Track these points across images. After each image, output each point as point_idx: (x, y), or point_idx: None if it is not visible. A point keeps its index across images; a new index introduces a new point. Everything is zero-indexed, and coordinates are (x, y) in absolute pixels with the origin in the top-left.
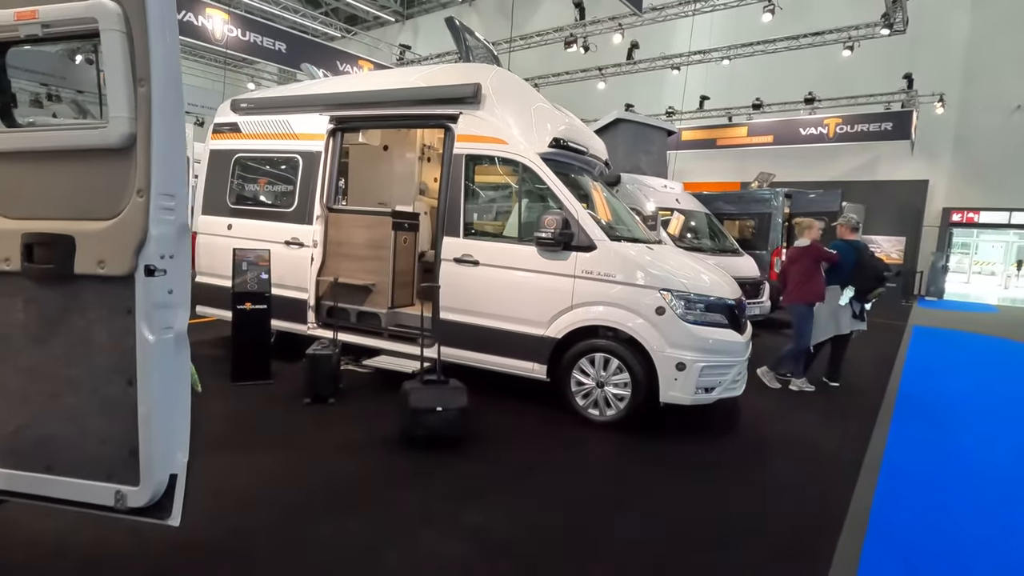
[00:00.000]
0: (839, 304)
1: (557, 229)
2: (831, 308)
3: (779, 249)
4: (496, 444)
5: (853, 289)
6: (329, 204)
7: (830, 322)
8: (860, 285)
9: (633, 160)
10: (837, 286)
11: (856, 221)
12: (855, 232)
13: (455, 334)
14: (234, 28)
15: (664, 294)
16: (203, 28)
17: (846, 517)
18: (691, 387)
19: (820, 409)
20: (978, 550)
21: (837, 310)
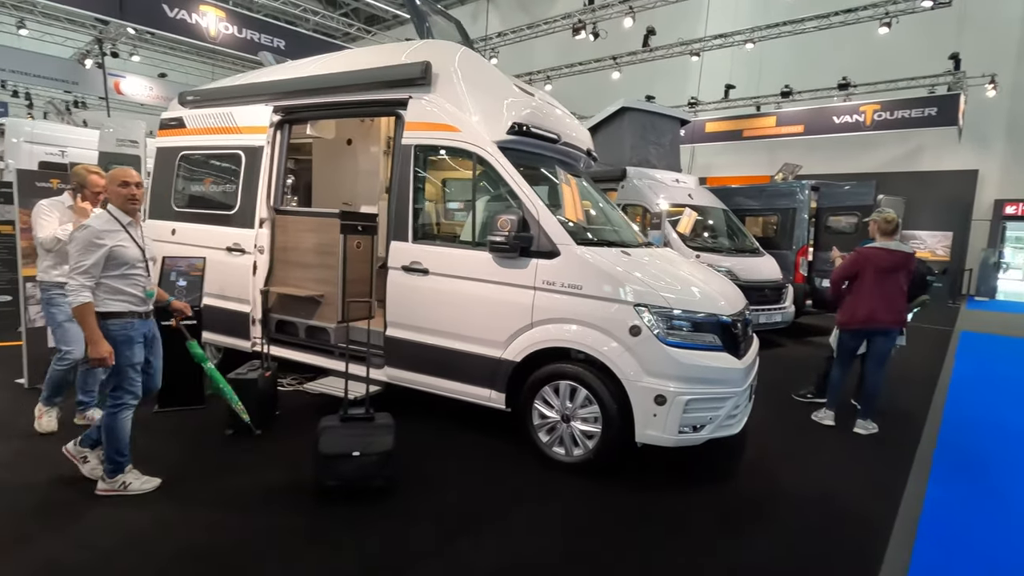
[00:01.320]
0: None
1: (512, 231)
2: None
3: (805, 248)
4: (433, 494)
5: None
6: (276, 205)
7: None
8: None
9: (641, 153)
10: None
11: (892, 225)
12: (889, 236)
13: (405, 354)
14: (230, 25)
15: (640, 310)
16: (197, 26)
17: None
18: (674, 425)
19: (843, 446)
20: None
21: None
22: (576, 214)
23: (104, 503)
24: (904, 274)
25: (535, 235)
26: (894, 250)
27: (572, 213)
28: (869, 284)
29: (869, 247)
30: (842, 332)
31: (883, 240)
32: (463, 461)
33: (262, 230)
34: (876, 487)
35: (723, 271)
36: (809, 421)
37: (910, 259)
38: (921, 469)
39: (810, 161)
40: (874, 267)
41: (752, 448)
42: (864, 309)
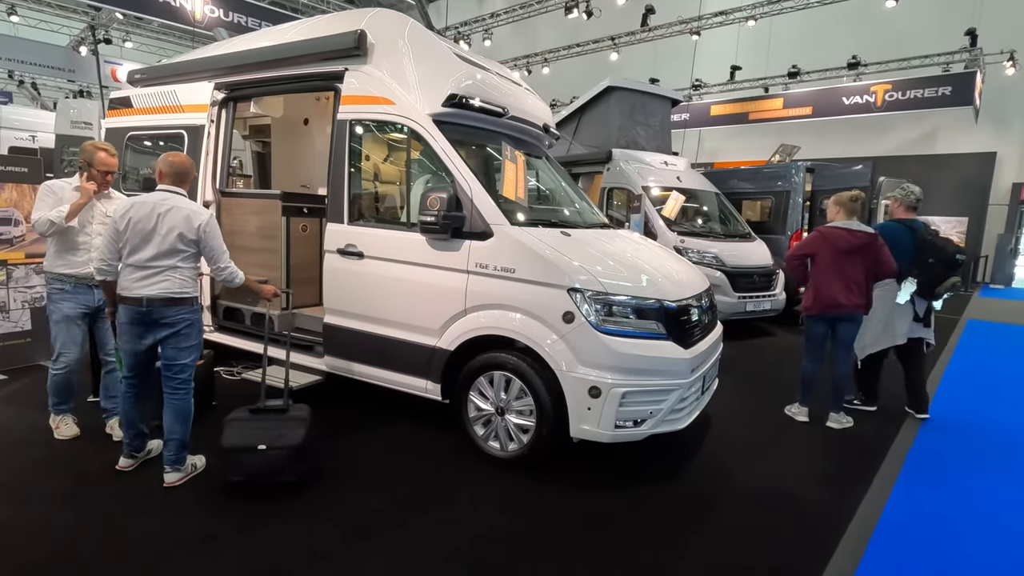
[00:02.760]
0: (896, 303)
1: (442, 210)
2: (885, 309)
3: (799, 232)
4: (350, 492)
5: (915, 282)
6: (222, 188)
7: (884, 328)
8: (924, 276)
9: (629, 134)
10: (892, 280)
11: (915, 198)
12: (912, 211)
13: (343, 343)
14: (215, 8)
15: (573, 295)
16: (182, 9)
17: None
18: (609, 419)
19: (814, 443)
20: None
21: (893, 312)
22: (518, 192)
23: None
24: (869, 256)
25: (468, 215)
26: (855, 230)
27: (513, 192)
28: (827, 266)
29: (828, 226)
30: (806, 318)
31: (846, 219)
32: (397, 456)
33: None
34: (838, 487)
35: (709, 257)
36: (782, 415)
37: (874, 239)
38: (891, 470)
39: (820, 145)
40: (832, 248)
41: (716, 442)
42: (826, 293)
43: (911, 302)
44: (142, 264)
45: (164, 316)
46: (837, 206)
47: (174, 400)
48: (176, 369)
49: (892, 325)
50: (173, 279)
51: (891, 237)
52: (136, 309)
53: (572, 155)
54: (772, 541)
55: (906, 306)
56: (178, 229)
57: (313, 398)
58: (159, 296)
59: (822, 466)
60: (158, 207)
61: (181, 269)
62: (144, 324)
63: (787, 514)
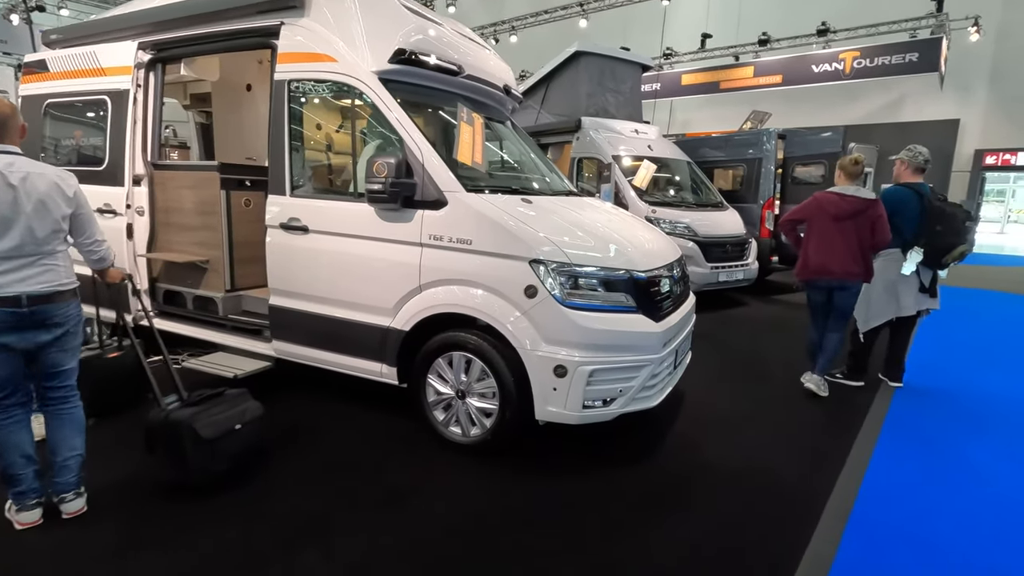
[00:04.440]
0: (901, 274)
1: (390, 177)
2: (888, 279)
3: (771, 201)
4: (291, 487)
5: (921, 251)
6: (154, 160)
7: (889, 299)
8: (932, 245)
9: (598, 101)
10: (897, 249)
11: (924, 159)
12: (920, 173)
13: (290, 326)
14: None
15: (535, 267)
16: None
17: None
18: (577, 399)
19: (790, 415)
20: None
21: (898, 283)
22: (475, 157)
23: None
24: (863, 223)
25: (419, 182)
26: (849, 196)
27: (470, 156)
28: (819, 232)
29: (823, 192)
30: (799, 283)
31: (843, 184)
32: (348, 446)
33: (139, 188)
34: (815, 461)
35: (681, 227)
36: (757, 388)
37: (871, 206)
38: (868, 441)
39: (790, 115)
40: (824, 213)
41: (689, 420)
42: (815, 259)
43: (916, 272)
44: (7, 254)
45: (51, 315)
46: (839, 170)
47: (67, 411)
48: (65, 375)
49: (897, 296)
50: (56, 268)
51: (896, 202)
52: (12, 311)
53: (540, 124)
54: (749, 525)
55: (912, 276)
56: (51, 200)
57: (262, 386)
58: (43, 292)
59: (798, 440)
60: (6, 175)
61: (60, 253)
62: (23, 329)
63: (764, 494)
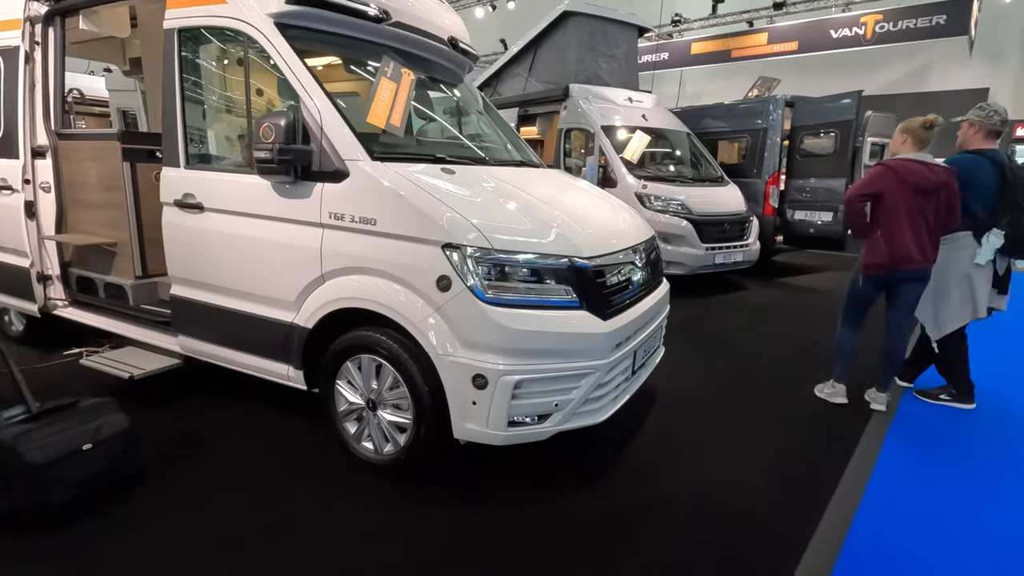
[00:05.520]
0: (975, 263)
1: (277, 142)
2: (961, 272)
3: (776, 175)
4: (157, 515)
5: (1001, 234)
6: (58, 128)
7: (963, 297)
8: (1017, 225)
9: (589, 67)
10: (967, 233)
11: (1000, 119)
12: (994, 138)
13: (193, 319)
14: None
15: (449, 254)
16: None
17: None
18: (500, 415)
19: (777, 429)
20: None
21: (972, 275)
22: (392, 119)
23: None
24: (942, 199)
25: (317, 148)
26: (934, 165)
27: (384, 117)
28: (897, 209)
29: (901, 159)
30: (863, 278)
31: (915, 151)
32: (247, 460)
33: (42, 161)
34: (806, 487)
35: (675, 204)
36: (743, 390)
37: (952, 179)
38: (862, 463)
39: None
40: (905, 186)
41: (660, 428)
42: (899, 244)
43: (992, 261)
44: None
45: None
46: (905, 135)
47: None
48: None
49: (973, 293)
50: None
51: (969, 173)
52: None
53: (528, 93)
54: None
55: (986, 267)
56: None
57: (174, 386)
58: None
59: (789, 459)
60: None
61: None
62: None
63: (740, 527)
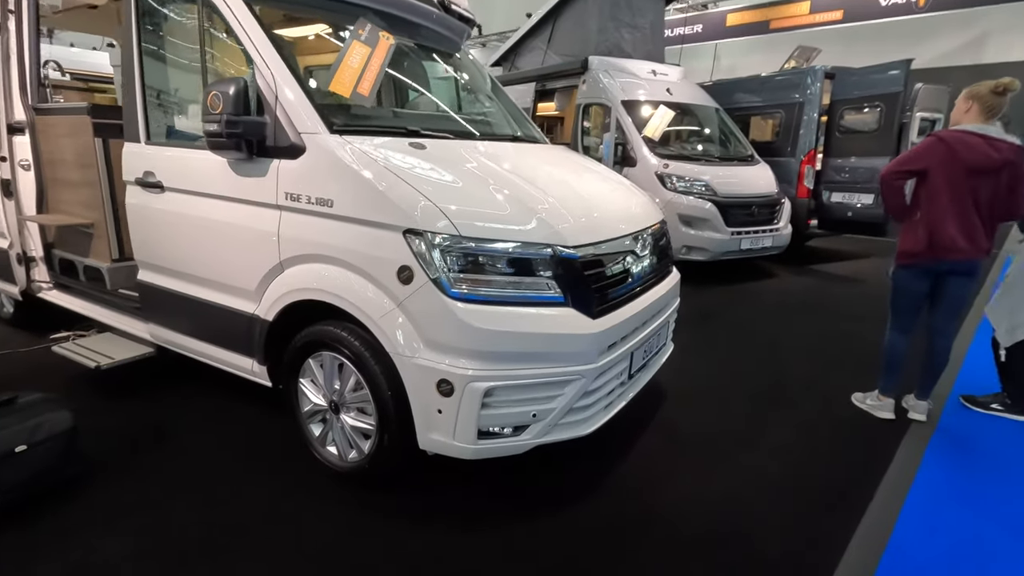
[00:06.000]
0: None
1: (225, 113)
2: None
3: (812, 154)
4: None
5: None
6: (35, 103)
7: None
8: None
9: (611, 38)
10: None
11: None
12: None
13: (159, 307)
14: None
15: (411, 241)
16: None
17: None
18: (469, 426)
19: (802, 440)
20: None
21: None
22: (361, 87)
23: None
24: (1004, 181)
25: (270, 120)
26: (995, 139)
27: (350, 85)
28: (944, 189)
29: (955, 131)
30: (901, 269)
31: (980, 121)
32: (206, 461)
33: (19, 138)
34: (828, 510)
35: (699, 185)
36: (767, 395)
37: (1020, 158)
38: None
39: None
40: (957, 163)
41: (666, 434)
42: (943, 230)
43: None
44: None
45: None
46: (970, 101)
47: None
48: None
49: None
50: None
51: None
52: None
53: (546, 67)
54: None
55: None
56: None
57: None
58: None
59: (810, 476)
60: None
61: None
62: None
63: (747, 559)
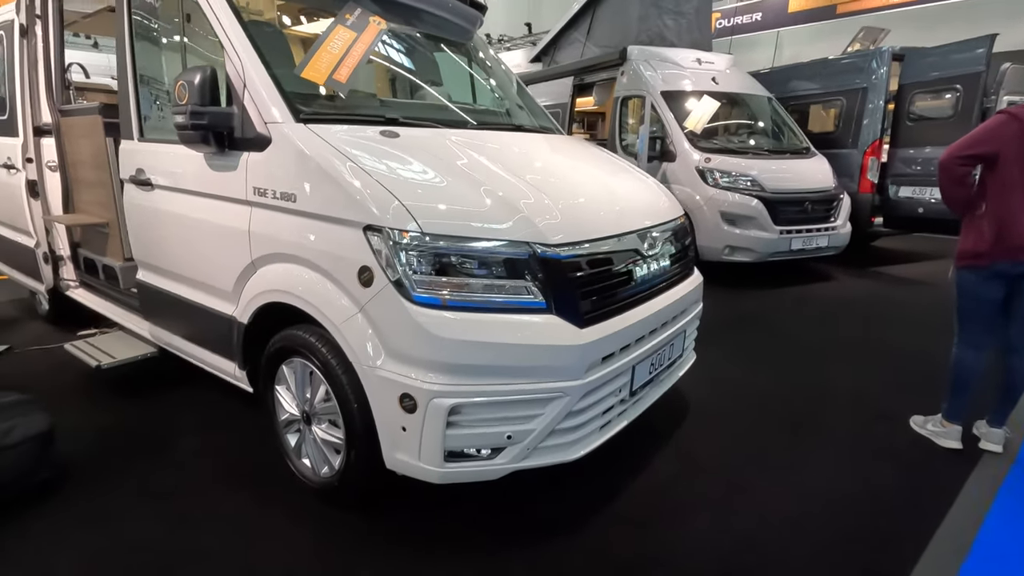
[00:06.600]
0: None
1: (191, 103)
2: None
3: (877, 144)
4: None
5: None
6: (60, 104)
7: None
8: None
9: (653, 27)
10: None
11: None
12: None
13: (155, 306)
14: None
15: (371, 238)
16: None
17: None
18: (434, 447)
19: (839, 471)
20: None
21: None
22: (337, 74)
23: None
24: None
25: (238, 110)
26: None
27: (324, 71)
28: (1018, 177)
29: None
30: (965, 271)
31: None
32: (192, 471)
33: (46, 140)
34: (881, 548)
35: (745, 180)
36: (807, 418)
37: None
38: (974, 507)
39: (931, 37)
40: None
41: (687, 456)
42: (1011, 225)
43: None
44: None
45: None
46: None
47: None
48: None
49: None
50: None
51: None
52: None
53: (583, 60)
54: None
55: None
56: None
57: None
58: None
59: (853, 514)
60: None
61: None
62: None
63: None
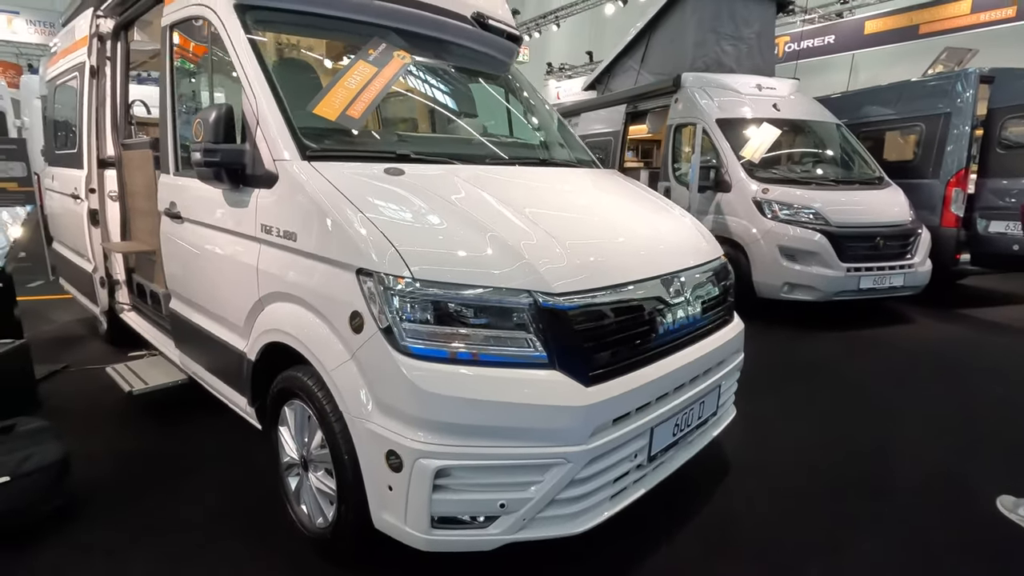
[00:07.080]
0: None
1: (206, 140)
2: None
3: (962, 174)
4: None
5: None
6: (123, 139)
7: None
8: None
9: (710, 52)
10: None
11: None
12: None
13: (183, 335)
14: None
15: (363, 282)
16: None
17: None
18: (420, 510)
19: (905, 549)
20: None
21: None
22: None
23: None
24: None
25: (250, 147)
26: None
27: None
28: None
29: None
30: None
31: None
32: (207, 503)
33: (108, 171)
34: None
35: (807, 213)
36: (873, 487)
37: None
38: None
39: (1017, 61)
40: None
41: (720, 535)
42: None
43: None
44: None
45: None
46: None
47: None
48: None
49: None
50: None
51: None
52: None
53: (636, 88)
54: None
55: None
56: None
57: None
58: None
59: None
60: None
61: None
62: None
63: None
